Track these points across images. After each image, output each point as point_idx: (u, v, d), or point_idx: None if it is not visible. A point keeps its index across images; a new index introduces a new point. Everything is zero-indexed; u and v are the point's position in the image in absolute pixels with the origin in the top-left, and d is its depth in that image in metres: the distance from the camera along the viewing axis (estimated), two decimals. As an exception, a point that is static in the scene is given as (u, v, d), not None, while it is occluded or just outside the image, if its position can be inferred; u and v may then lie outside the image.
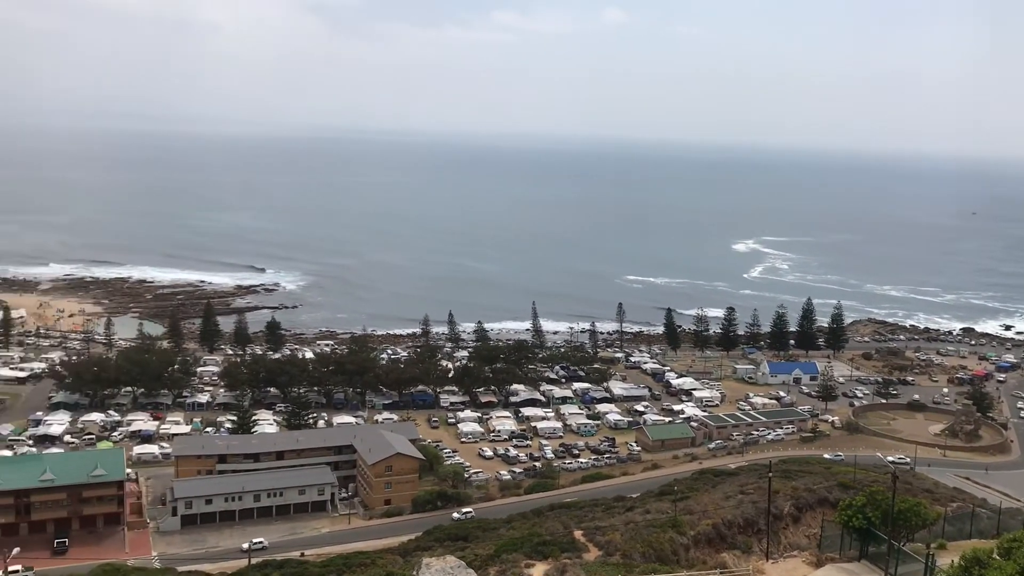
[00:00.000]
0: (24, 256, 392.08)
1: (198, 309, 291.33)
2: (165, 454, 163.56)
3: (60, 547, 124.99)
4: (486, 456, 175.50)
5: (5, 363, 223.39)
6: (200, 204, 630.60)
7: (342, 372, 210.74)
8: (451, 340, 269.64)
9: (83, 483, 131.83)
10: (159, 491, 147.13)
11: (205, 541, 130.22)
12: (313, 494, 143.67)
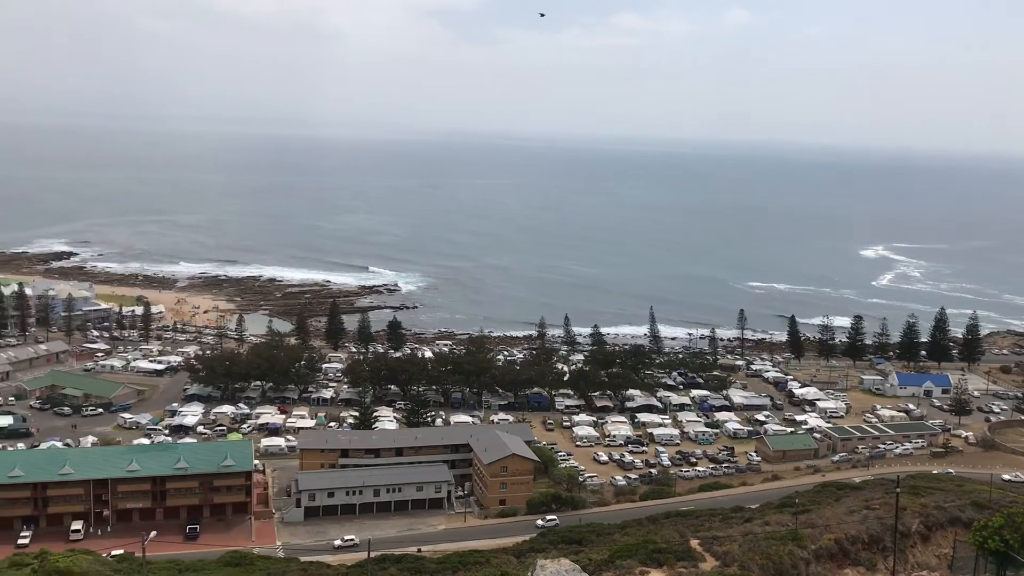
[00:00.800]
0: (163, 255, 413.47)
1: (324, 308, 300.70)
2: (291, 447, 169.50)
3: (192, 533, 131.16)
4: (601, 461, 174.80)
5: (145, 356, 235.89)
6: (324, 206, 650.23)
7: (460, 372, 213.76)
8: (567, 343, 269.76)
9: (214, 472, 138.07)
10: (284, 483, 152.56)
11: (327, 533, 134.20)
12: (430, 491, 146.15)
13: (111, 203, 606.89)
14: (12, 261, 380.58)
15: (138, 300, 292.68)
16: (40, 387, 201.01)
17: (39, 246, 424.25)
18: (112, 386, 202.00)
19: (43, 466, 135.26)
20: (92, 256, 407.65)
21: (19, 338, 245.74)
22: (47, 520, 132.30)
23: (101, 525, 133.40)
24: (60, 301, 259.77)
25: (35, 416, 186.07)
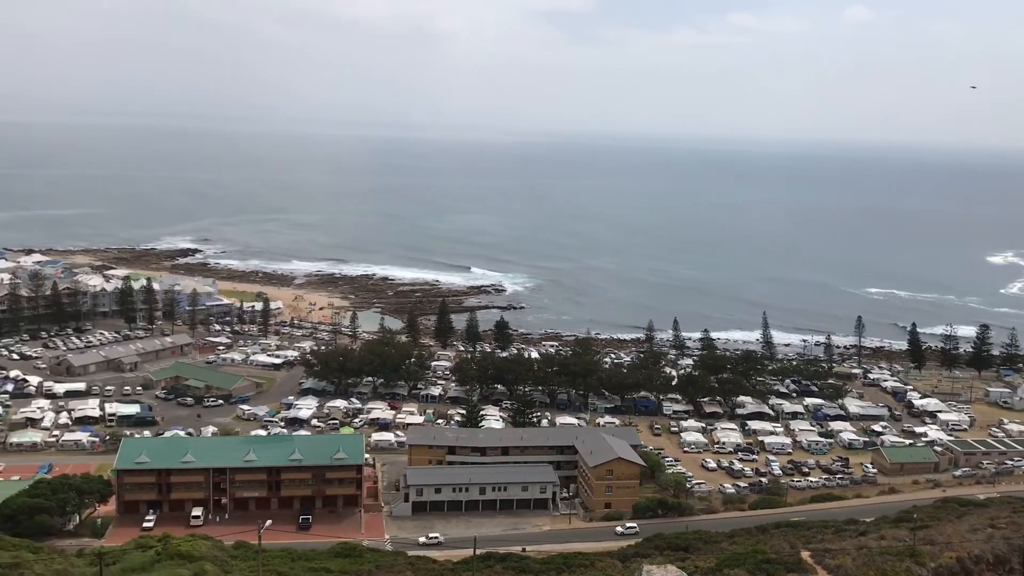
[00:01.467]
0: (281, 253, 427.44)
1: (433, 306, 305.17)
2: (400, 442, 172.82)
3: (304, 523, 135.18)
4: (709, 468, 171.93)
5: (263, 350, 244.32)
6: (431, 207, 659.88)
7: (566, 373, 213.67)
8: (675, 347, 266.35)
9: (326, 465, 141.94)
10: (393, 477, 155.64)
11: (433, 528, 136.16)
12: (535, 491, 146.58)
13: (232, 203, 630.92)
14: (142, 257, 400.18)
15: (258, 296, 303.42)
16: (165, 378, 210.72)
17: (166, 243, 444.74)
18: (232, 378, 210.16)
19: (167, 454, 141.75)
20: (215, 253, 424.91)
21: (147, 331, 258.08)
22: (169, 505, 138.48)
23: (219, 512, 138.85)
24: (185, 296, 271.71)
25: (160, 405, 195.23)
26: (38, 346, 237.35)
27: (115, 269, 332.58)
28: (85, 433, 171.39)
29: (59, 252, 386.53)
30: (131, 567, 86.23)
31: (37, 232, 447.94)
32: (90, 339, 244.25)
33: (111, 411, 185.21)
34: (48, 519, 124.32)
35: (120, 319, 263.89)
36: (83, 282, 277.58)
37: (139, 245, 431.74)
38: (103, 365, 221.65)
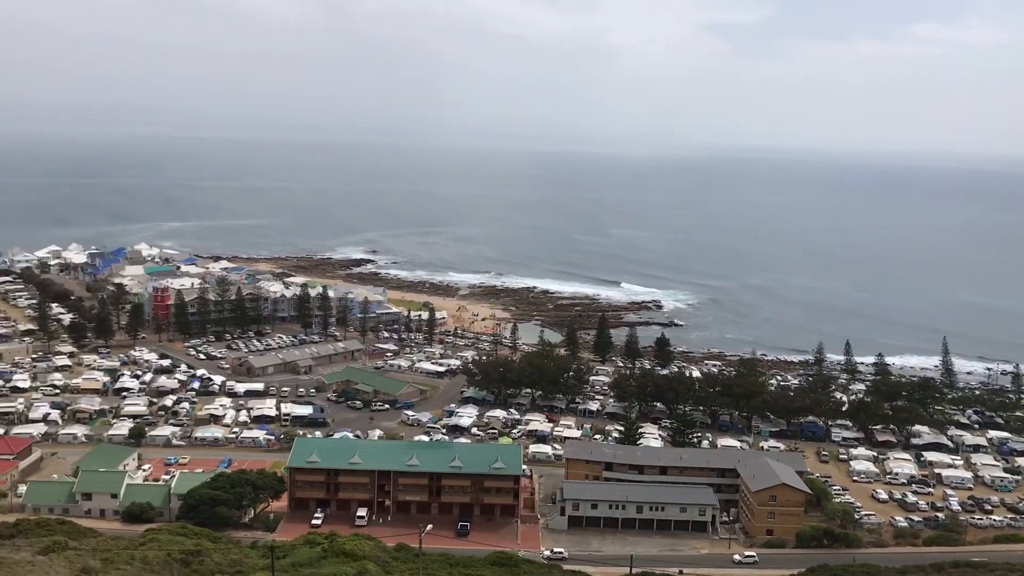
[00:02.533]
0: (446, 264, 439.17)
1: (593, 321, 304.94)
2: (557, 455, 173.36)
3: (463, 530, 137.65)
4: (880, 499, 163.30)
5: (428, 358, 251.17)
6: (589, 221, 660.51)
7: (729, 394, 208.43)
8: (846, 371, 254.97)
9: (485, 473, 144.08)
10: (550, 490, 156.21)
11: (589, 544, 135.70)
12: (694, 513, 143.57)
13: (398, 215, 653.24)
14: (319, 266, 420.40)
15: (424, 305, 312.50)
16: (337, 381, 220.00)
17: (341, 253, 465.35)
18: (398, 384, 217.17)
19: (336, 454, 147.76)
20: (385, 263, 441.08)
21: (321, 336, 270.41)
22: (337, 504, 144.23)
23: (383, 514, 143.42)
24: (357, 304, 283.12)
25: (331, 408, 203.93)
26: (222, 347, 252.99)
27: (294, 277, 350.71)
28: (262, 431, 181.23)
29: (244, 260, 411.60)
30: (300, 562, 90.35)
31: (224, 240, 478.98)
32: (269, 342, 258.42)
33: (286, 411, 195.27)
34: (226, 511, 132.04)
35: (297, 324, 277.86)
36: (265, 288, 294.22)
37: (316, 254, 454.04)
38: (280, 367, 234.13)
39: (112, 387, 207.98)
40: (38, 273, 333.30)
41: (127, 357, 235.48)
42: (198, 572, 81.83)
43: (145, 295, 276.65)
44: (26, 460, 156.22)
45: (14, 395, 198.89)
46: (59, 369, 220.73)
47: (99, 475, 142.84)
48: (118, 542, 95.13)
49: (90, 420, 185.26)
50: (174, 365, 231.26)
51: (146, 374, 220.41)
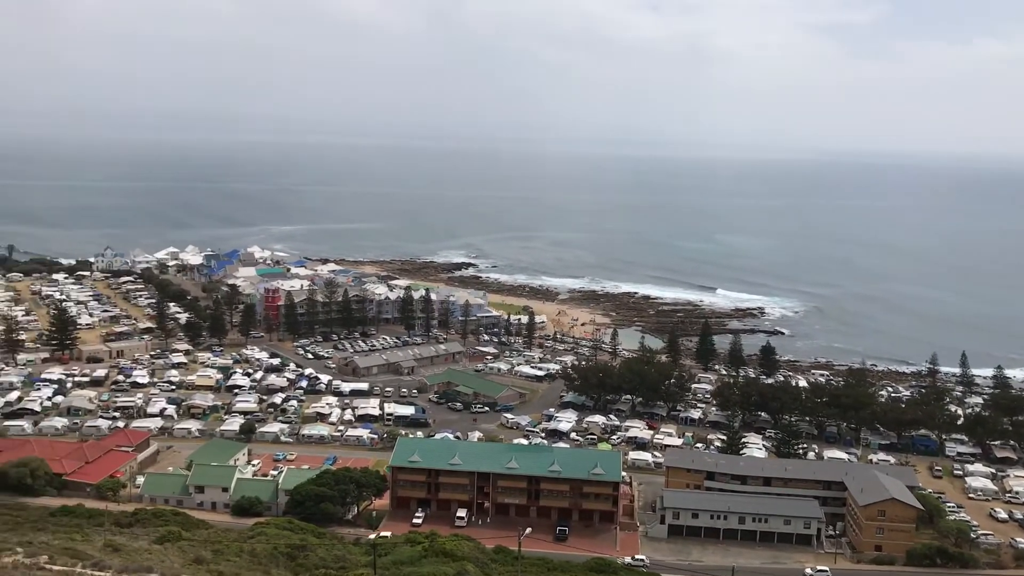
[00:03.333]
0: (546, 268, 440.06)
1: (695, 327, 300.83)
2: (657, 463, 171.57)
3: (561, 534, 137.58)
4: (999, 518, 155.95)
5: (527, 362, 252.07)
6: (692, 227, 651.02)
7: (836, 405, 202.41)
8: (962, 384, 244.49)
9: (584, 479, 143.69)
10: (649, 497, 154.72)
11: (689, 553, 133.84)
12: (798, 526, 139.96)
13: (500, 220, 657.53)
14: (422, 269, 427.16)
15: (523, 309, 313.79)
16: (438, 383, 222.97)
17: (443, 257, 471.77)
18: (498, 387, 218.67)
19: (437, 455, 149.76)
20: (486, 267, 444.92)
21: (423, 338, 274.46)
22: (437, 505, 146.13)
23: (482, 516, 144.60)
24: (458, 307, 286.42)
25: (432, 409, 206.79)
26: (329, 347, 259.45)
27: (398, 279, 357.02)
28: (365, 430, 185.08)
29: (350, 262, 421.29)
30: (401, 560, 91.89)
31: (332, 244, 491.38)
32: (374, 343, 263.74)
33: (389, 411, 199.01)
34: (331, 507, 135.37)
35: (400, 326, 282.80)
36: (370, 290, 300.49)
37: (419, 258, 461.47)
38: (384, 368, 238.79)
39: (225, 384, 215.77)
40: (157, 274, 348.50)
41: (239, 355, 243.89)
42: (303, 566, 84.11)
43: (257, 296, 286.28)
44: (144, 453, 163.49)
45: (134, 390, 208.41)
46: (176, 366, 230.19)
47: (211, 469, 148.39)
48: (228, 534, 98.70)
49: (203, 415, 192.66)
50: (283, 364, 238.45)
51: (257, 372, 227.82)
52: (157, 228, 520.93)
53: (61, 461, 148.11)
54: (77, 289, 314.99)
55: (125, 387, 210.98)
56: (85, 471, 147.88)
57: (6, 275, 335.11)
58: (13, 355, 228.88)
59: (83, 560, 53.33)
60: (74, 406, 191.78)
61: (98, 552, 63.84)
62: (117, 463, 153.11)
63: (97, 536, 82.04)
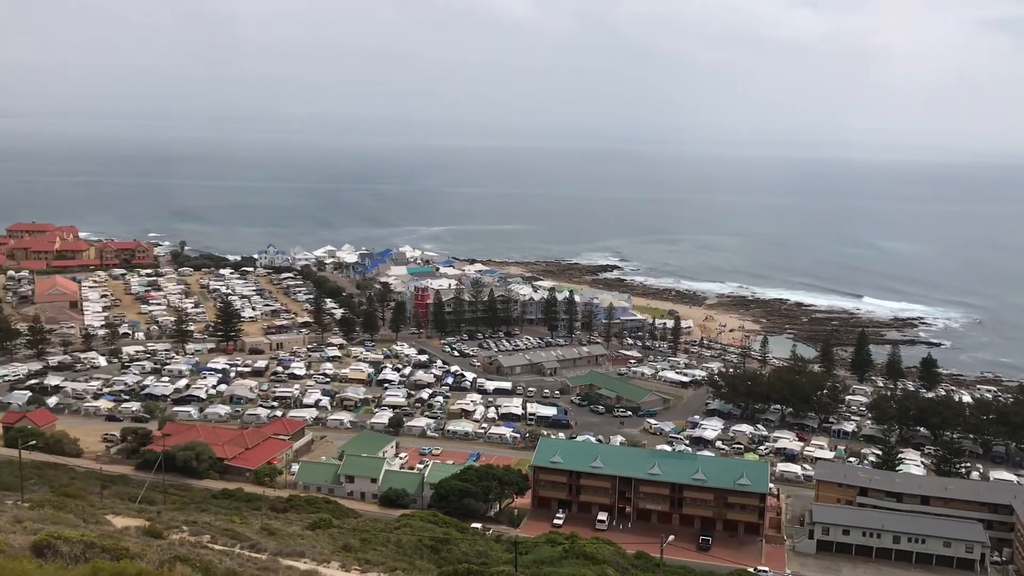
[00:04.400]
0: (694, 272, 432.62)
1: (851, 336, 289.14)
2: (807, 476, 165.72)
3: (704, 544, 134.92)
4: None
5: (672, 367, 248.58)
6: (858, 231, 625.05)
7: (1005, 423, 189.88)
8: None
9: (728, 489, 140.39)
10: (797, 511, 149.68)
11: (839, 571, 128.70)
12: (959, 549, 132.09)
13: (648, 222, 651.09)
14: (566, 271, 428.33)
15: (669, 313, 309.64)
16: (580, 385, 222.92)
17: (587, 259, 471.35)
18: (641, 392, 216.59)
19: (579, 457, 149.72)
20: (631, 270, 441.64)
21: (566, 339, 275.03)
22: (578, 506, 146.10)
23: (623, 520, 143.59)
24: (602, 309, 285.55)
25: (574, 410, 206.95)
26: (474, 346, 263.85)
27: (542, 280, 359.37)
28: (508, 429, 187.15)
29: (496, 263, 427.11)
30: (541, 559, 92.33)
31: (479, 244, 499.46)
32: (517, 343, 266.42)
33: (531, 411, 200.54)
34: (473, 503, 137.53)
35: (544, 327, 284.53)
36: (515, 291, 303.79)
37: (564, 259, 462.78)
38: (527, 368, 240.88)
39: (375, 378, 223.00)
40: (315, 271, 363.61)
41: (390, 351, 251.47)
42: (446, 559, 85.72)
43: (407, 294, 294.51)
44: (299, 441, 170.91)
45: (291, 381, 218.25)
46: (330, 359, 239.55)
47: (361, 460, 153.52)
48: (375, 524, 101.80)
49: (355, 408, 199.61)
50: (431, 361, 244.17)
51: (406, 368, 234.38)
52: (315, 227, 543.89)
53: (223, 446, 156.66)
54: (241, 284, 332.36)
55: (283, 378, 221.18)
56: (245, 457, 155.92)
57: (178, 269, 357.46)
58: (183, 345, 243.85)
59: (241, 541, 56.16)
60: (236, 395, 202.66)
61: (255, 535, 67.16)
62: (274, 450, 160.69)
63: (254, 519, 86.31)
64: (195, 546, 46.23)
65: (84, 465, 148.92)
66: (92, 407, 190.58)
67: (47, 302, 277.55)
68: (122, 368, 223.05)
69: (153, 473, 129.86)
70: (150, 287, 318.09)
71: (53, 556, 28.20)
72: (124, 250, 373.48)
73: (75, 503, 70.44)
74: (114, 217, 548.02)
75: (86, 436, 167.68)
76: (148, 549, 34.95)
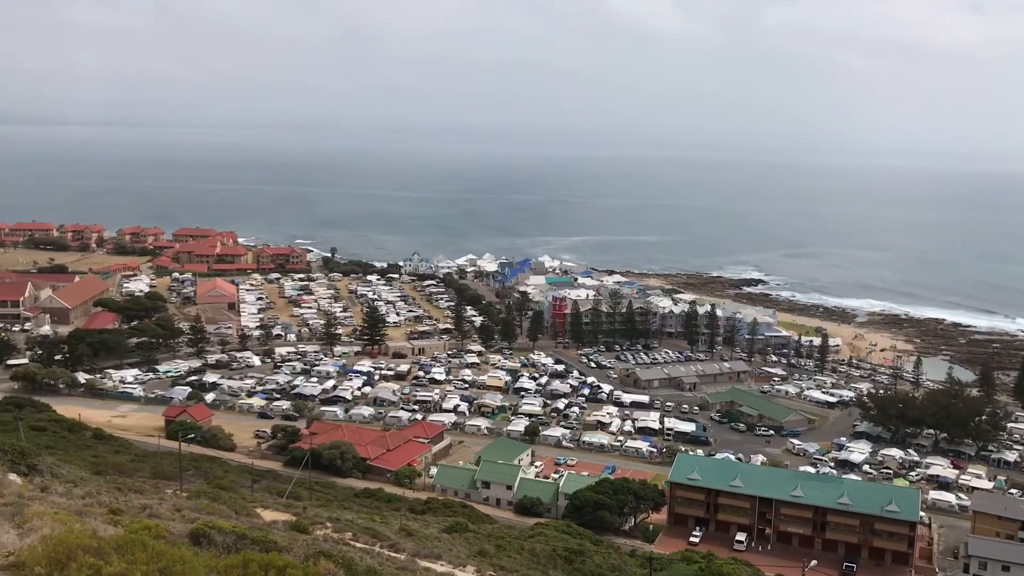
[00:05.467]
0: (843, 289, 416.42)
1: (1014, 360, 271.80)
2: (962, 506, 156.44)
3: (848, 571, 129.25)
4: None
5: (818, 386, 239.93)
6: (1019, 249, 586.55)
7: None
8: None
9: (875, 515, 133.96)
10: (951, 543, 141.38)
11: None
12: None
13: (794, 235, 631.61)
14: (708, 284, 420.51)
15: (816, 331, 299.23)
16: (720, 401, 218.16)
17: (731, 272, 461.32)
18: (785, 411, 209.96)
19: (717, 474, 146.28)
20: (776, 284, 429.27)
21: (707, 354, 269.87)
22: (715, 525, 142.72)
23: (762, 542, 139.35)
24: (745, 324, 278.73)
25: (713, 427, 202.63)
26: (611, 357, 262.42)
27: (682, 293, 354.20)
28: (645, 443, 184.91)
29: (635, 274, 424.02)
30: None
31: (618, 255, 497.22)
32: (655, 356, 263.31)
33: (669, 426, 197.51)
34: (608, 516, 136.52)
35: (683, 340, 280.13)
36: (654, 303, 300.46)
37: (705, 272, 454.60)
38: (665, 382, 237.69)
39: (512, 386, 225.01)
40: (456, 278, 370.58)
41: (527, 360, 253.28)
42: (580, 571, 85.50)
43: (545, 303, 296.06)
44: (438, 445, 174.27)
45: (432, 386, 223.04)
46: (469, 366, 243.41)
47: (497, 466, 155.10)
48: (510, 531, 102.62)
49: (492, 415, 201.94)
50: (567, 371, 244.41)
51: (542, 377, 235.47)
52: (456, 236, 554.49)
53: (366, 447, 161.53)
54: (387, 290, 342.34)
55: (424, 383, 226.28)
56: (386, 458, 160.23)
57: (328, 275, 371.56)
58: (331, 347, 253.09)
59: (381, 540, 57.66)
60: (379, 397, 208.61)
61: (394, 535, 68.83)
62: (414, 453, 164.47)
63: (394, 519, 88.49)
64: (338, 543, 47.79)
65: (237, 459, 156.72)
66: (245, 404, 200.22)
67: (207, 303, 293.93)
68: (274, 368, 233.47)
69: (300, 470, 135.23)
70: (302, 291, 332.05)
71: (208, 544, 29.71)
72: (279, 255, 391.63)
73: (228, 495, 74.05)
74: (263, 223, 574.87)
75: (239, 432, 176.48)
76: (294, 543, 36.37)
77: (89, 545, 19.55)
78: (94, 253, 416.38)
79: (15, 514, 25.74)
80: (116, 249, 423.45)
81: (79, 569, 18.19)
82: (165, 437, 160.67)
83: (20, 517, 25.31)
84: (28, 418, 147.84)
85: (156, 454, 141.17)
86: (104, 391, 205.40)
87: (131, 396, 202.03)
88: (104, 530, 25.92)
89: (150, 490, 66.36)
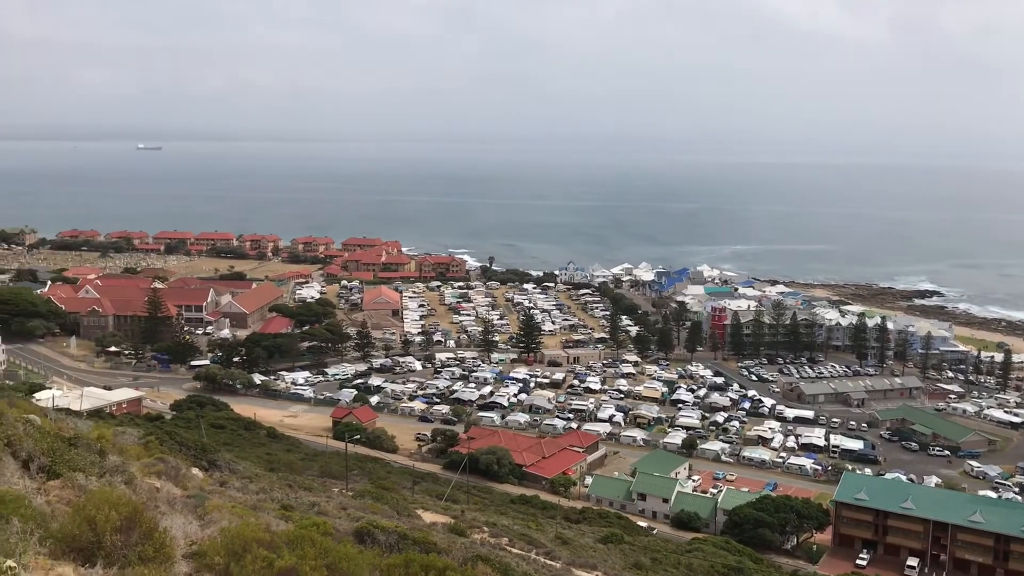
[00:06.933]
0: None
1: None
2: None
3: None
4: None
5: (1000, 405, 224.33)
6: None
7: None
8: None
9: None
10: None
11: None
12: None
13: (971, 244, 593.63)
14: (878, 295, 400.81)
15: (999, 346, 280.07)
16: (891, 418, 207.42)
17: (903, 283, 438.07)
18: (962, 430, 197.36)
19: (887, 495, 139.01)
20: (954, 297, 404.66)
21: (876, 369, 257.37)
22: (884, 548, 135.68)
23: (936, 568, 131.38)
24: (918, 338, 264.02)
25: (883, 446, 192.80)
26: (774, 370, 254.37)
27: (850, 305, 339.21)
28: (809, 460, 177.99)
29: (800, 285, 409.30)
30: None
31: (781, 264, 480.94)
32: (821, 370, 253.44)
33: (835, 443, 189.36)
34: (768, 534, 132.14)
35: (851, 354, 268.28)
36: (820, 315, 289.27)
37: (875, 283, 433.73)
38: (831, 397, 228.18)
39: (669, 398, 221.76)
40: (612, 287, 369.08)
41: (684, 371, 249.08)
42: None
43: (704, 314, 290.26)
44: (593, 455, 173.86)
45: (586, 395, 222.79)
46: (624, 376, 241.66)
47: (653, 479, 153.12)
48: (667, 544, 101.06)
49: (648, 426, 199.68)
50: (727, 383, 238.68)
51: (700, 389, 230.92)
52: (610, 245, 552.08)
53: (522, 453, 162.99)
54: (543, 299, 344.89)
55: (579, 391, 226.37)
56: (541, 465, 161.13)
57: (486, 283, 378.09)
58: (488, 354, 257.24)
59: (537, 547, 58.01)
60: (535, 404, 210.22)
61: (549, 542, 69.10)
62: (569, 461, 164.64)
63: (549, 527, 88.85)
64: (494, 547, 48.37)
65: (399, 461, 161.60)
66: (407, 407, 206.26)
67: (373, 309, 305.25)
68: (434, 373, 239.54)
69: (458, 473, 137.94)
70: (461, 299, 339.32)
71: (371, 543, 30.66)
72: (439, 264, 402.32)
73: (390, 495, 76.41)
74: (421, 233, 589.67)
75: (401, 434, 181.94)
76: (453, 546, 37.06)
77: (263, 539, 20.57)
78: (270, 261, 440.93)
79: (197, 506, 27.44)
80: (290, 258, 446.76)
81: (253, 561, 19.17)
82: (332, 437, 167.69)
83: (201, 509, 26.98)
84: (208, 416, 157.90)
85: (324, 453, 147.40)
86: (277, 392, 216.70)
87: (302, 397, 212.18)
88: (276, 525, 27.27)
89: (318, 488, 69.35)
